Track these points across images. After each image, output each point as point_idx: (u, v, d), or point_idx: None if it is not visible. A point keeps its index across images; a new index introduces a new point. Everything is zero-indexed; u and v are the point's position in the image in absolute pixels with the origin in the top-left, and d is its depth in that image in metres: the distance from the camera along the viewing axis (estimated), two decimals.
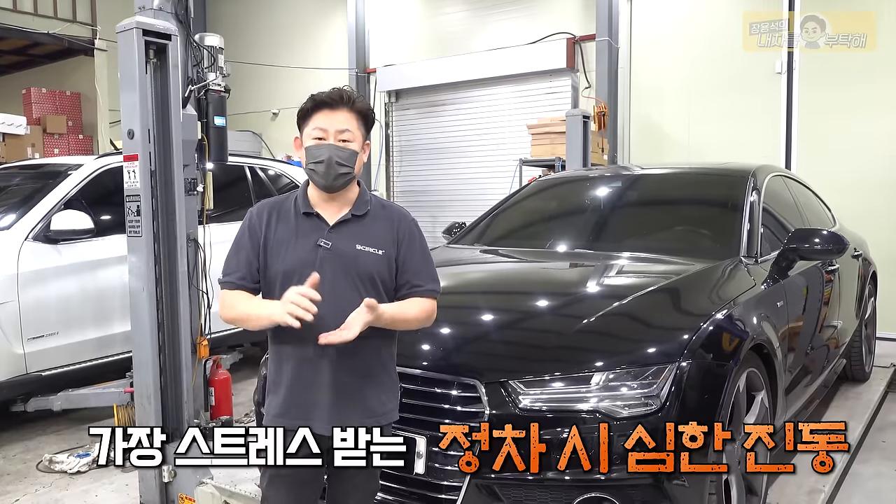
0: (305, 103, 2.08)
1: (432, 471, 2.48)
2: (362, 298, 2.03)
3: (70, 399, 4.37)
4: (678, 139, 8.47)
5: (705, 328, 2.64)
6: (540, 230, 4.34)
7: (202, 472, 3.41)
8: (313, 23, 11.73)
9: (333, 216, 2.09)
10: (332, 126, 2.04)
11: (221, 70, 4.06)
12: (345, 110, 2.05)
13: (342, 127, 2.04)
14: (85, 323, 4.54)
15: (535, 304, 3.14)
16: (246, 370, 5.56)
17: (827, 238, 3.53)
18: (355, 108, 2.06)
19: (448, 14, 10.35)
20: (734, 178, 4.00)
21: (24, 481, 3.92)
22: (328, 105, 2.04)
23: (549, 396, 2.45)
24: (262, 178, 6.13)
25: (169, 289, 3.50)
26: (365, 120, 2.10)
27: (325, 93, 2.06)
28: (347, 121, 2.05)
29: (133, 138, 3.29)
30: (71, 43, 9.03)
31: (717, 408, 2.51)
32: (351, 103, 2.06)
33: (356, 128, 2.07)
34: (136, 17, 3.34)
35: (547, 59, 9.17)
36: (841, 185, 6.93)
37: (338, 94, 2.05)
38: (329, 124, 2.04)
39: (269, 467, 2.11)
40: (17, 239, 4.30)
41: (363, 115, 2.09)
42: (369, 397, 2.09)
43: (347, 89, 2.08)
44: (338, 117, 2.04)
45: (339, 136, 2.04)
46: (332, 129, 2.03)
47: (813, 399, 3.94)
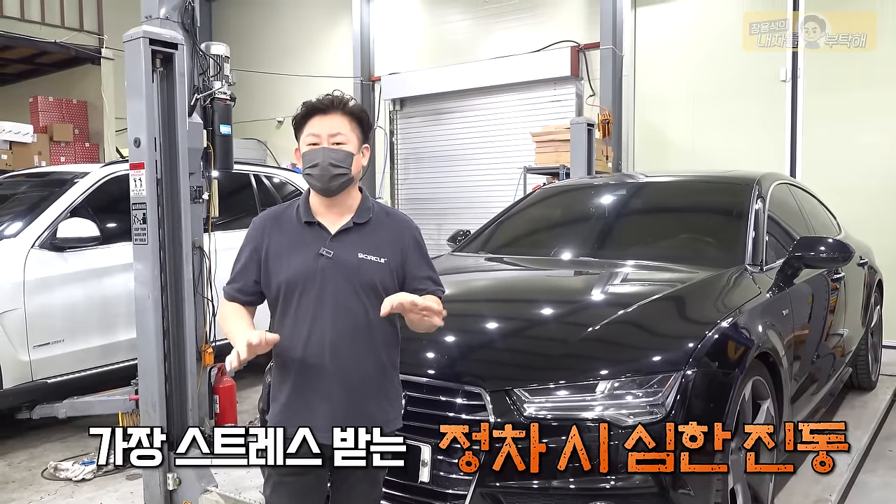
0: (298, 111, 2.10)
1: (437, 479, 2.48)
2: (364, 307, 2.04)
3: (75, 406, 4.37)
4: (683, 147, 8.47)
5: (710, 336, 2.64)
6: (544, 238, 4.33)
7: (206, 480, 3.41)
8: (318, 31, 11.78)
9: (335, 224, 2.10)
10: (324, 130, 2.05)
11: (227, 78, 4.08)
12: (337, 114, 2.07)
13: (334, 130, 2.05)
14: (90, 330, 4.55)
15: (539, 312, 3.14)
16: (251, 378, 5.55)
17: (832, 246, 3.52)
18: (347, 111, 2.08)
19: (452, 22, 10.38)
20: (739, 185, 3.99)
21: (29, 489, 3.92)
22: (320, 110, 2.06)
23: (554, 404, 2.44)
24: (267, 185, 6.15)
25: (174, 296, 3.50)
26: (359, 123, 2.11)
27: (317, 99, 2.09)
28: (340, 124, 2.06)
29: (139, 146, 3.31)
30: (78, 52, 9.08)
31: (722, 416, 2.50)
32: (342, 106, 2.07)
33: (349, 130, 2.07)
34: (143, 27, 3.36)
35: (551, 68, 9.19)
36: (845, 191, 6.92)
37: (328, 100, 2.07)
38: (322, 129, 2.05)
39: (273, 474, 2.11)
40: (24, 246, 4.32)
41: (356, 118, 2.10)
42: (371, 405, 2.09)
43: (339, 93, 2.10)
44: (330, 121, 2.06)
45: (332, 139, 2.05)
46: (325, 133, 2.05)
47: (819, 408, 3.92)
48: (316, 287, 2.04)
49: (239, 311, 2.11)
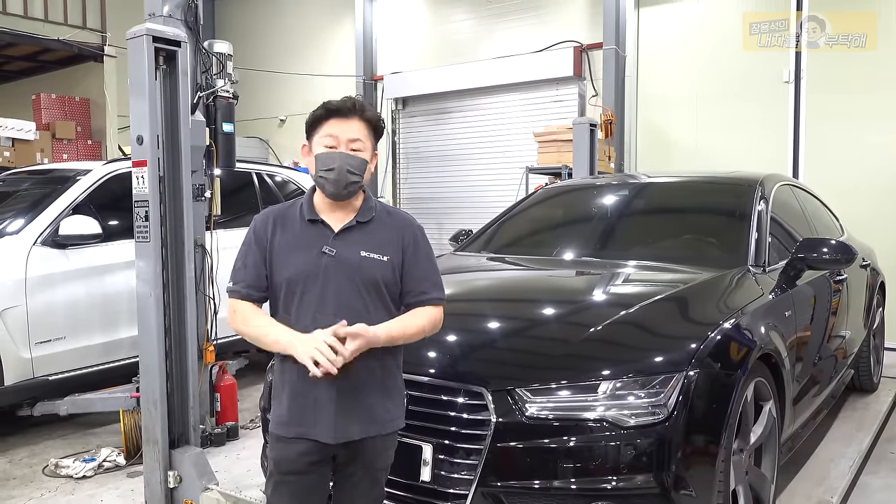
0: (317, 110, 2.08)
1: (438, 478, 2.47)
2: (367, 305, 2.04)
3: (76, 404, 4.38)
4: (685, 147, 8.46)
5: (713, 337, 2.63)
6: (547, 238, 4.33)
7: (207, 478, 3.41)
8: (321, 30, 11.78)
9: (338, 223, 2.10)
10: (343, 134, 2.04)
11: (230, 77, 4.09)
12: (356, 119, 2.06)
13: (353, 136, 2.05)
14: (92, 328, 4.55)
15: (541, 312, 3.13)
16: (252, 376, 5.56)
17: (835, 248, 3.51)
18: (366, 118, 2.07)
19: (455, 22, 10.38)
20: (742, 186, 3.99)
21: (29, 485, 3.92)
22: (340, 113, 2.05)
23: (556, 405, 2.44)
24: (269, 184, 6.15)
25: (176, 294, 3.51)
26: (375, 130, 2.11)
27: (338, 101, 2.07)
28: (359, 130, 2.06)
29: (142, 144, 3.31)
30: (81, 49, 9.10)
31: (724, 417, 2.49)
32: (362, 112, 2.07)
33: (366, 137, 2.07)
34: (147, 24, 3.36)
35: (554, 68, 9.19)
36: (848, 192, 6.91)
37: (350, 103, 2.06)
38: (340, 132, 2.04)
39: (274, 473, 2.11)
40: (26, 243, 4.32)
41: (373, 125, 2.10)
42: (374, 405, 2.08)
43: (358, 98, 2.09)
44: (349, 126, 2.05)
45: (351, 144, 2.04)
46: (344, 138, 2.04)
47: (821, 409, 3.91)
48: (319, 284, 2.04)
49: (263, 312, 2.10)
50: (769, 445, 2.96)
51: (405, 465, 2.47)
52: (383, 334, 1.99)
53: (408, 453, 2.47)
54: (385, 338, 2.00)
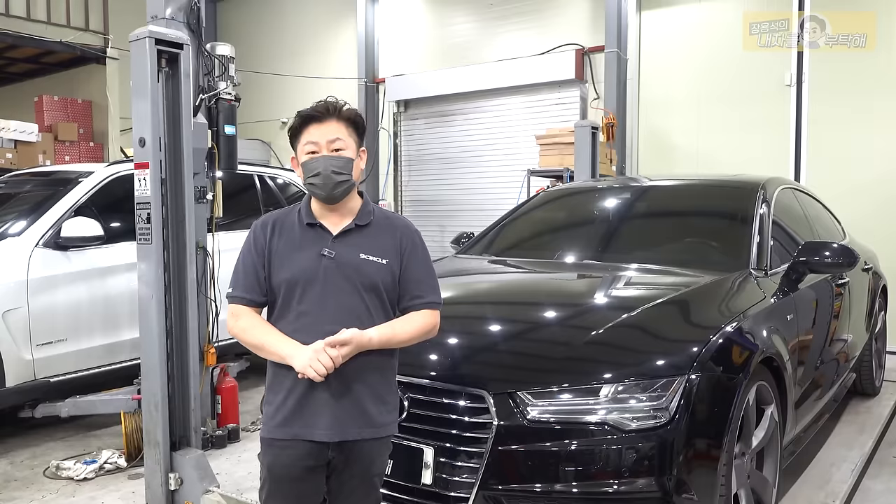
0: (293, 121, 2.10)
1: (439, 481, 2.47)
2: (366, 308, 2.04)
3: (78, 406, 4.37)
4: (687, 150, 8.46)
5: (715, 341, 2.63)
6: (548, 241, 4.33)
7: (208, 480, 3.41)
8: (323, 33, 11.80)
9: (337, 226, 2.10)
10: (322, 138, 2.05)
11: (232, 79, 4.09)
12: (333, 120, 2.06)
13: (332, 137, 2.05)
14: (93, 330, 4.55)
15: (543, 315, 3.13)
16: (253, 378, 5.55)
17: (837, 251, 3.51)
18: (343, 117, 2.08)
19: (457, 24, 10.39)
20: (744, 190, 3.99)
21: (30, 487, 3.92)
22: (315, 118, 2.06)
23: (558, 408, 2.43)
24: (270, 186, 6.15)
25: (177, 296, 3.51)
26: (355, 127, 2.11)
27: (311, 107, 2.08)
28: (337, 130, 2.06)
29: (144, 146, 3.31)
30: (83, 51, 9.11)
31: (726, 421, 2.49)
32: (338, 112, 2.07)
33: (347, 136, 2.08)
34: (149, 27, 3.36)
35: (556, 70, 9.20)
36: (850, 196, 6.91)
37: (323, 107, 2.07)
38: (320, 136, 2.05)
39: (269, 478, 2.10)
40: (28, 245, 4.32)
41: (353, 123, 2.10)
42: (369, 407, 2.07)
43: (332, 100, 2.09)
44: (327, 128, 2.05)
45: (331, 146, 2.05)
46: (324, 141, 2.05)
47: (823, 413, 3.91)
48: (317, 287, 2.04)
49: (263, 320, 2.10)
50: (771, 449, 2.96)
51: (406, 468, 2.47)
52: (376, 337, 2.00)
53: (409, 456, 2.47)
54: (378, 341, 2.01)
